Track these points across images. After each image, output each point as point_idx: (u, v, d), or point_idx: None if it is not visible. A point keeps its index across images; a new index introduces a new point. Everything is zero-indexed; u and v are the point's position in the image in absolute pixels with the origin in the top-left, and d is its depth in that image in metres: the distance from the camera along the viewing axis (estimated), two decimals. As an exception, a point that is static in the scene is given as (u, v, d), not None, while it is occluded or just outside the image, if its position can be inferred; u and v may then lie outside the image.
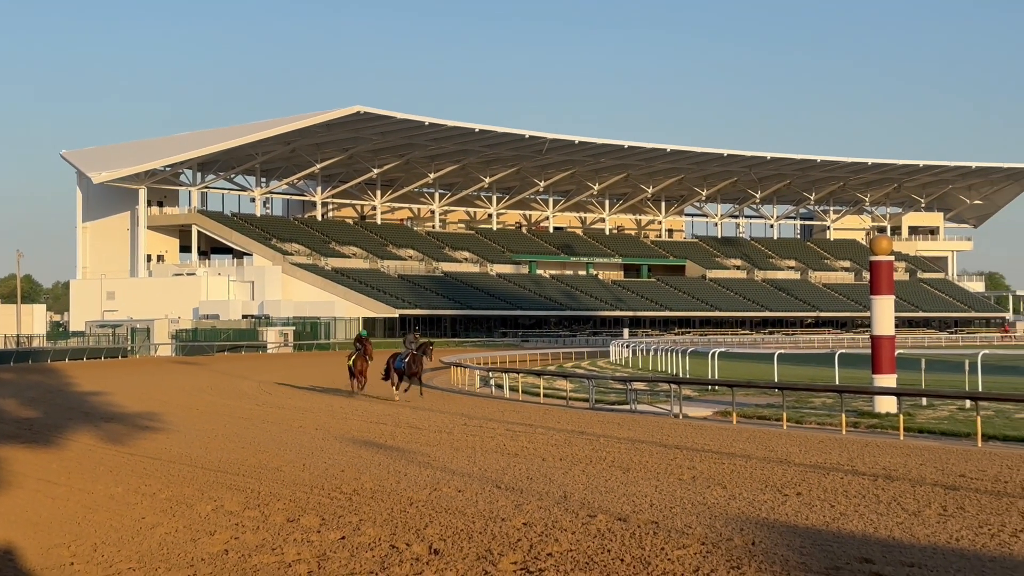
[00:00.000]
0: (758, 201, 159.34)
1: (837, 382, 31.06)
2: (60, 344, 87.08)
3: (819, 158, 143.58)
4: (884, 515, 13.29)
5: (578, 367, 59.42)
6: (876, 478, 16.49)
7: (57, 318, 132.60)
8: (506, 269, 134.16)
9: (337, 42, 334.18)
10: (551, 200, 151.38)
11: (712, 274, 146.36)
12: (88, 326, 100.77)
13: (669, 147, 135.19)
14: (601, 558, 10.93)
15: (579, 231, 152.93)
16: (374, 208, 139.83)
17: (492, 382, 41.28)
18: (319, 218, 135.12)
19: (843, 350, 36.92)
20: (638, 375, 45.28)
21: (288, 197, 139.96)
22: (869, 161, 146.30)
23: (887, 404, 27.36)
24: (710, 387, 35.57)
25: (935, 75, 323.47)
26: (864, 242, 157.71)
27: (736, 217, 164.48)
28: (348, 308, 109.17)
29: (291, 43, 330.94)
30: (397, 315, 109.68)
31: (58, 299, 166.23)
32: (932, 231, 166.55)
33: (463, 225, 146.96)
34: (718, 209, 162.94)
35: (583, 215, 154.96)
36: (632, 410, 30.91)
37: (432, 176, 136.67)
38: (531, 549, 11.37)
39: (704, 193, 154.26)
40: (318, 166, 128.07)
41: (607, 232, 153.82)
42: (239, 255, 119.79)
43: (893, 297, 29.43)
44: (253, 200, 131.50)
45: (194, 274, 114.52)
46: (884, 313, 28.98)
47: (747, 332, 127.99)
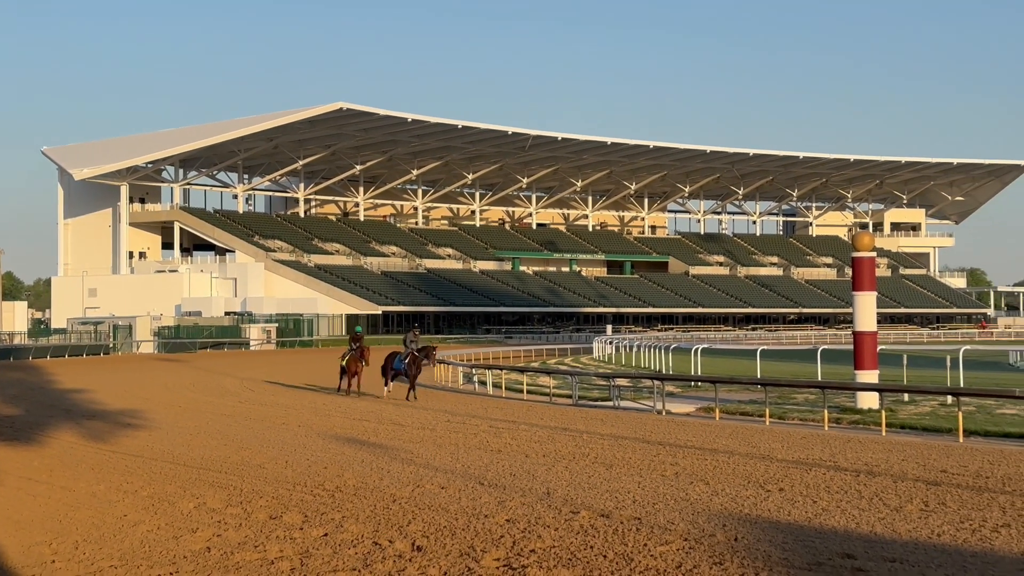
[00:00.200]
0: (741, 197, 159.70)
1: (819, 378, 31.09)
2: (42, 341, 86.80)
3: (802, 154, 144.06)
4: (866, 511, 13.33)
5: (561, 364, 59.40)
6: (858, 474, 16.54)
7: (39, 315, 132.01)
8: (489, 266, 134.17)
9: (320, 38, 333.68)
10: (534, 197, 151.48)
11: (695, 270, 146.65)
12: (70, 323, 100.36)
13: (652, 144, 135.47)
14: (584, 554, 10.93)
15: (562, 228, 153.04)
16: (357, 205, 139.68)
17: (475, 379, 41.26)
18: (302, 215, 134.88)
19: (825, 346, 36.96)
20: (621, 371, 45.29)
21: (271, 194, 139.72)
22: (851, 158, 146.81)
23: (869, 400, 27.41)
24: (693, 383, 35.65)
25: (917, 72, 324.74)
26: (846, 238, 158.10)
27: (719, 213, 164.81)
28: (331, 305, 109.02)
29: (274, 39, 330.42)
30: (380, 312, 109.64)
31: (40, 296, 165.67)
32: (914, 227, 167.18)
33: (446, 222, 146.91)
34: (701, 205, 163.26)
35: (566, 212, 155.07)
36: (615, 406, 30.92)
37: (415, 173, 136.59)
38: (514, 545, 11.37)
39: (687, 189, 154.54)
40: (301, 163, 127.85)
41: (590, 229, 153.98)
42: (221, 252, 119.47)
43: (875, 293, 29.48)
44: (235, 197, 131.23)
45: (176, 271, 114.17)
46: (866, 309, 29.03)
47: (730, 328, 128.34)
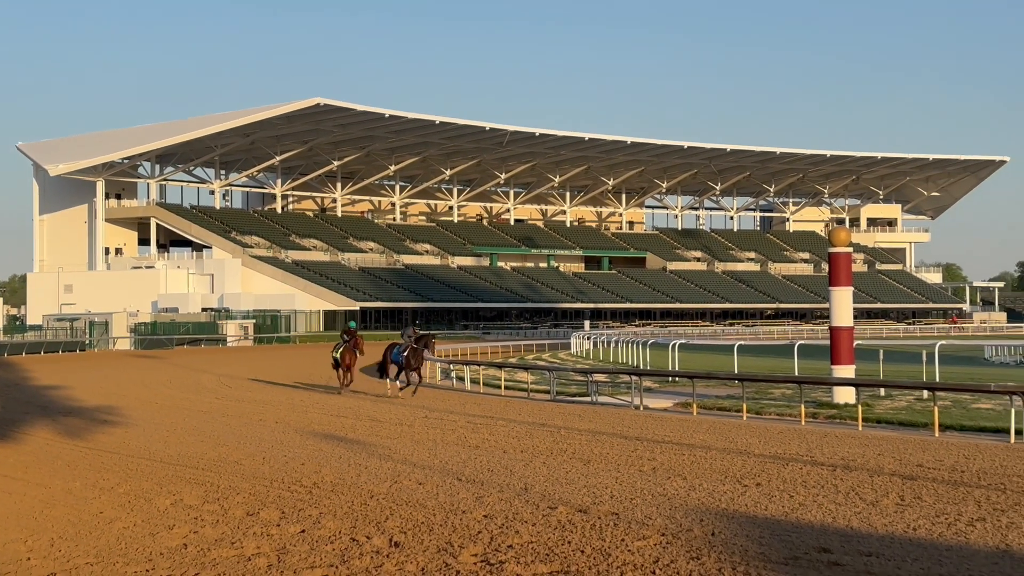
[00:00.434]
0: (718, 193, 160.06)
1: (796, 373, 31.21)
2: (17, 338, 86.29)
3: (778, 150, 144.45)
4: (842, 505, 13.37)
5: (539, 359, 59.40)
6: (835, 468, 16.59)
7: (14, 312, 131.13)
8: (467, 261, 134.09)
9: (297, 34, 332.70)
10: (512, 192, 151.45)
11: (672, 266, 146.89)
12: (45, 319, 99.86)
13: (630, 139, 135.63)
14: (561, 549, 10.94)
15: (540, 223, 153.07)
16: (334, 200, 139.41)
17: (453, 375, 41.21)
18: (279, 211, 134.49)
19: (802, 341, 37.12)
20: (599, 367, 45.33)
21: (248, 190, 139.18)
22: (828, 153, 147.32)
23: (846, 395, 27.51)
24: (671, 379, 35.67)
25: (892, 68, 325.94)
26: (823, 234, 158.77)
27: (696, 209, 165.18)
28: (309, 301, 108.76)
29: (251, 35, 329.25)
30: (358, 308, 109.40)
31: (15, 292, 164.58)
32: (890, 223, 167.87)
33: (424, 217, 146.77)
34: (678, 201, 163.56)
35: (544, 207, 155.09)
36: (593, 402, 30.95)
37: (393, 168, 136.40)
38: (492, 541, 11.37)
39: (664, 185, 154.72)
40: (278, 158, 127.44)
41: (568, 224, 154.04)
42: (198, 248, 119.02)
43: (852, 288, 29.57)
44: (212, 193, 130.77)
45: (153, 267, 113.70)
46: (843, 304, 29.13)
47: (707, 324, 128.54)
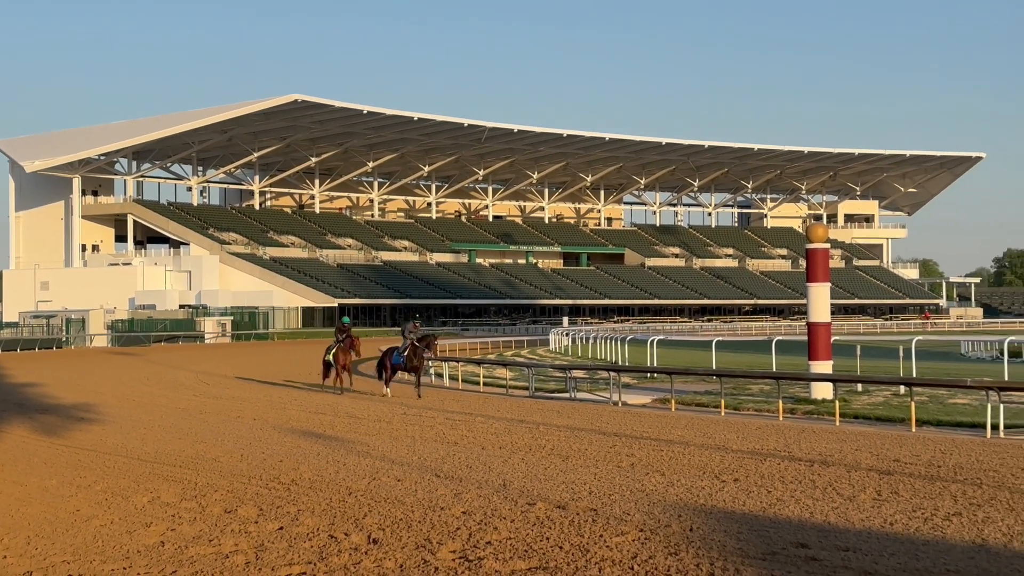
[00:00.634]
0: (696, 189, 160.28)
1: (774, 369, 31.29)
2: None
3: (756, 146, 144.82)
4: (820, 500, 13.42)
5: (518, 356, 59.44)
6: (812, 464, 16.65)
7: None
8: (446, 258, 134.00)
9: (275, 30, 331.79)
10: (490, 189, 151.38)
11: (651, 262, 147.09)
12: (22, 317, 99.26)
13: (608, 136, 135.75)
14: (540, 546, 10.94)
15: (518, 219, 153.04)
16: (312, 197, 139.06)
17: (431, 371, 41.19)
18: (257, 207, 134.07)
19: (780, 337, 37.13)
20: (577, 363, 45.40)
21: (225, 186, 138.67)
22: (805, 149, 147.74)
23: (823, 390, 27.62)
24: (649, 375, 35.74)
25: (870, 64, 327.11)
26: (801, 230, 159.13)
27: (674, 205, 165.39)
28: (287, 298, 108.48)
29: (228, 30, 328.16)
30: (336, 304, 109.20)
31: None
32: (867, 219, 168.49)
33: (402, 214, 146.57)
34: (656, 197, 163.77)
35: (522, 204, 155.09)
36: (571, 398, 30.99)
37: (371, 165, 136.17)
38: (470, 537, 11.37)
39: (643, 181, 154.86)
40: (255, 155, 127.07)
41: (546, 220, 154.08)
42: (176, 245, 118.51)
43: (829, 284, 29.69)
44: (190, 189, 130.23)
45: (130, 264, 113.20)
46: (820, 300, 29.23)
47: (686, 320, 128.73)
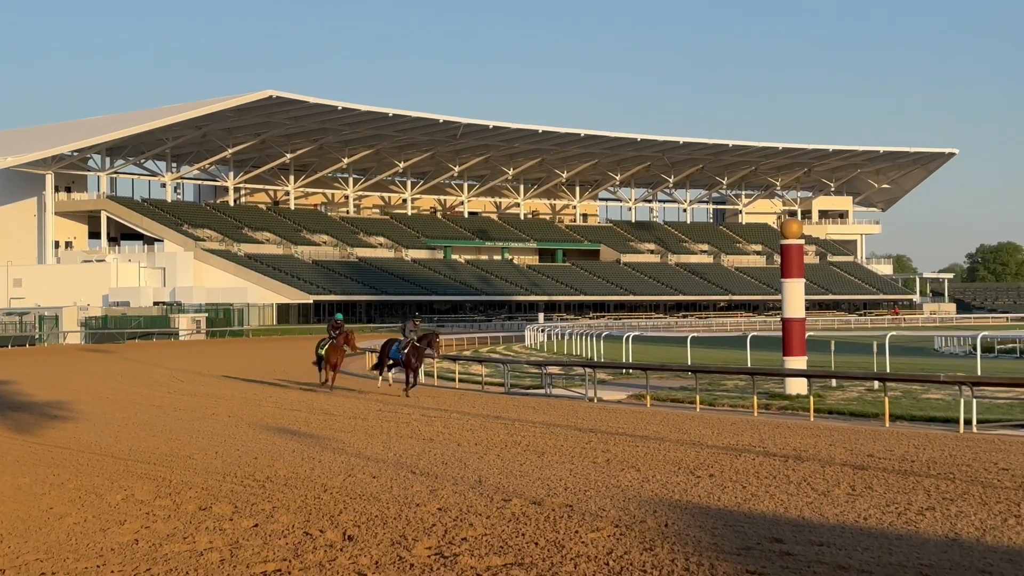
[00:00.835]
0: (671, 185, 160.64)
1: (749, 364, 31.36)
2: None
3: (731, 143, 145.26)
4: (794, 495, 13.46)
5: (493, 352, 59.43)
6: (787, 459, 16.71)
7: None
8: (421, 254, 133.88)
9: (249, 25, 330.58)
10: (466, 185, 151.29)
11: (626, 258, 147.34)
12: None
13: (583, 132, 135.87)
14: (515, 542, 10.94)
15: (494, 216, 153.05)
16: (287, 193, 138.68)
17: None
18: (231, 203, 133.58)
19: (755, 333, 37.27)
20: (553, 359, 45.41)
21: (200, 182, 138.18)
22: (780, 146, 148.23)
23: (798, 386, 27.71)
24: (624, 371, 35.82)
25: (843, 60, 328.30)
26: (775, 226, 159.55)
27: (650, 201, 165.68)
28: (261, 294, 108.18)
29: (202, 26, 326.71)
30: (311, 301, 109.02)
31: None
32: (841, 215, 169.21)
33: (377, 210, 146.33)
34: (632, 194, 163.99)
35: (498, 200, 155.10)
36: (547, 394, 31.00)
37: (346, 161, 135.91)
38: (446, 534, 11.36)
39: (618, 178, 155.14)
40: (230, 151, 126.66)
41: (522, 217, 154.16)
42: (150, 241, 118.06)
43: (804, 280, 29.77)
44: (164, 185, 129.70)
45: (104, 260, 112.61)
46: (795, 296, 29.31)
47: (661, 316, 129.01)
